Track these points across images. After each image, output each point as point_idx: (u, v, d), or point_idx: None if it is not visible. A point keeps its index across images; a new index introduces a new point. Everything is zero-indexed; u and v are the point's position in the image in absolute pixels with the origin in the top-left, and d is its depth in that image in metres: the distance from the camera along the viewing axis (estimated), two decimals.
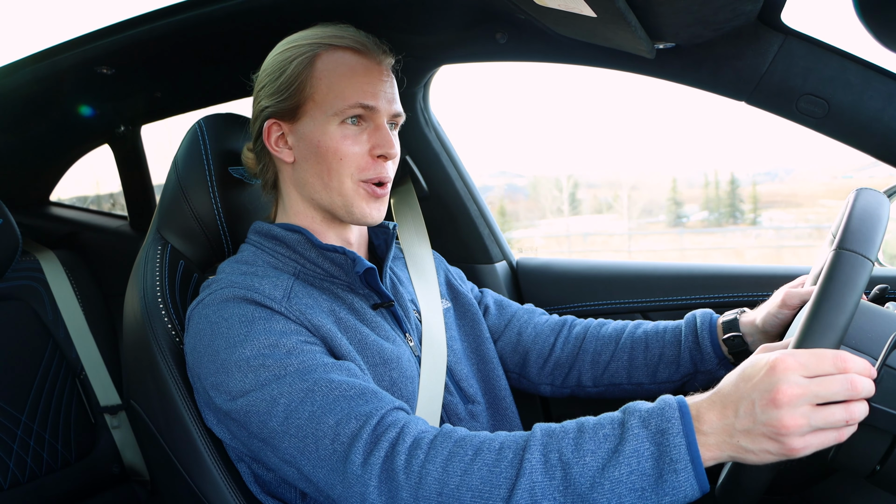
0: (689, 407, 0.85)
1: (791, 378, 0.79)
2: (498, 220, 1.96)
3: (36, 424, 1.86)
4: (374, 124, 1.17)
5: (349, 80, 1.15)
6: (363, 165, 1.17)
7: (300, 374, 0.99)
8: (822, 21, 1.46)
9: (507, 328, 1.46)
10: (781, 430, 0.78)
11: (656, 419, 0.85)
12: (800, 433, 0.79)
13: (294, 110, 1.18)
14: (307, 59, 1.17)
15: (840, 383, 0.79)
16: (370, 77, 1.17)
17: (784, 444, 0.79)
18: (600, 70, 1.45)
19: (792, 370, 0.80)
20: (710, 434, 0.83)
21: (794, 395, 0.79)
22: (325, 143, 1.16)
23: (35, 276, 1.99)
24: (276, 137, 1.21)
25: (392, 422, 0.94)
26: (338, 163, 1.16)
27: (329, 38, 1.18)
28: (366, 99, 1.15)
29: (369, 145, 1.16)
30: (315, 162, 1.17)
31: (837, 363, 0.80)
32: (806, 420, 0.78)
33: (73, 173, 2.48)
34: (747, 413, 0.81)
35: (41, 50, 1.72)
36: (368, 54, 1.18)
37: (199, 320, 1.09)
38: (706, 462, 0.83)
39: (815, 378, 0.80)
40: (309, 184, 1.20)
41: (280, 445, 0.98)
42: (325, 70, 1.16)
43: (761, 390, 0.80)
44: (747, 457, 0.82)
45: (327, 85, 1.16)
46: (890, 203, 0.95)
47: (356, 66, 1.16)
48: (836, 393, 0.79)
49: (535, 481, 0.85)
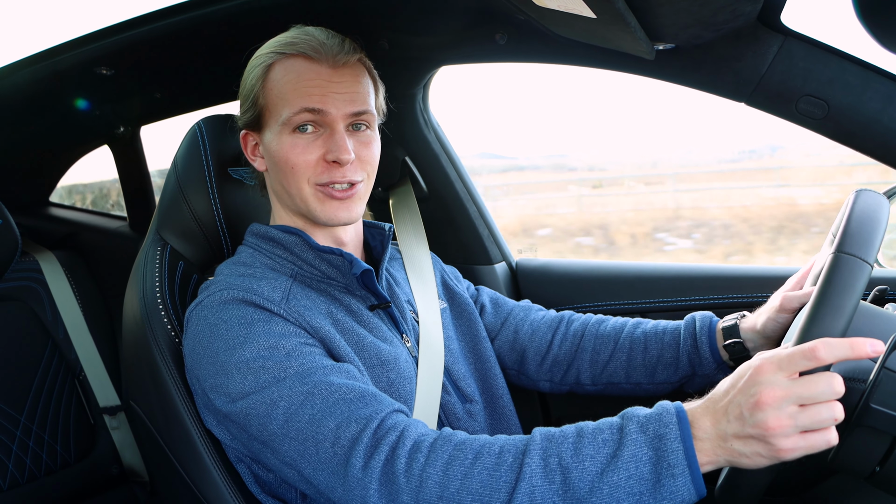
0: (687, 413, 0.85)
1: (772, 379, 0.80)
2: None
3: (35, 425, 1.86)
4: (330, 129, 1.16)
5: (295, 86, 1.14)
6: (318, 171, 1.16)
7: (300, 376, 0.99)
8: (822, 22, 1.46)
9: (503, 326, 1.45)
10: (768, 432, 0.79)
11: (654, 424, 0.85)
12: (785, 434, 0.79)
13: (257, 121, 1.20)
14: (262, 71, 1.18)
15: (824, 383, 0.79)
16: (319, 81, 1.15)
17: (773, 446, 0.80)
18: (599, 71, 1.45)
19: (773, 372, 0.81)
20: (705, 440, 0.83)
21: (776, 396, 0.79)
22: (279, 152, 1.16)
23: (34, 277, 1.99)
24: (251, 147, 1.24)
25: (392, 425, 0.94)
26: (290, 171, 1.16)
27: (282, 47, 1.17)
28: (311, 103, 1.13)
29: (323, 150, 1.15)
30: (276, 171, 1.19)
31: (814, 355, 0.80)
32: (792, 420, 0.79)
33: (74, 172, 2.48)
34: (737, 418, 0.82)
35: (41, 50, 1.72)
36: (321, 59, 1.15)
37: (198, 322, 1.09)
38: (703, 467, 0.83)
39: (799, 378, 0.80)
40: (278, 191, 1.22)
41: (280, 448, 0.98)
42: (275, 80, 1.16)
43: (747, 395, 0.81)
44: (741, 461, 0.83)
45: (276, 94, 1.16)
46: (889, 204, 0.95)
47: (304, 72, 1.15)
48: (821, 392, 0.79)
49: (535, 485, 0.86)
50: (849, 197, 0.95)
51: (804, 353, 0.80)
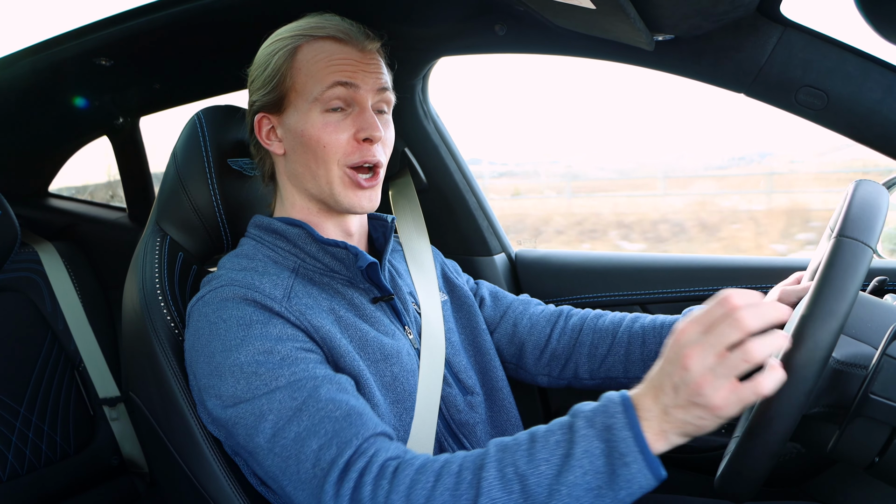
0: (631, 399, 0.85)
1: (690, 338, 0.80)
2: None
3: (35, 416, 1.86)
4: (359, 108, 1.18)
5: (327, 65, 1.16)
6: (348, 151, 1.17)
7: (290, 388, 0.99)
8: (821, 13, 1.46)
9: (502, 319, 1.46)
10: (697, 391, 0.78)
11: (601, 416, 0.85)
12: (714, 388, 0.77)
13: (279, 103, 1.20)
14: (289, 52, 1.18)
15: (726, 324, 0.78)
16: (349, 59, 1.17)
17: (707, 406, 0.78)
18: (599, 62, 1.45)
19: (689, 330, 0.80)
20: (651, 420, 0.83)
21: (695, 352, 0.79)
22: (309, 132, 1.17)
23: (34, 268, 1.99)
24: (266, 131, 1.23)
25: (364, 450, 0.94)
26: (322, 150, 1.16)
27: (310, 30, 1.19)
28: (343, 76, 1.16)
29: (353, 129, 1.17)
30: (302, 152, 1.18)
31: (724, 303, 0.79)
32: (713, 373, 0.78)
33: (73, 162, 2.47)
34: (672, 388, 0.81)
35: (40, 41, 1.71)
36: (350, 42, 1.18)
37: (199, 318, 1.09)
38: (657, 449, 0.82)
39: (710, 329, 0.79)
40: (300, 174, 1.21)
41: (265, 462, 0.98)
42: (305, 60, 1.17)
43: (674, 362, 0.81)
44: (688, 429, 0.82)
45: (307, 74, 1.17)
46: (889, 194, 0.95)
47: (335, 52, 1.17)
48: (727, 335, 0.78)
49: (494, 498, 0.85)
50: (848, 186, 0.95)
51: (717, 300, 0.80)
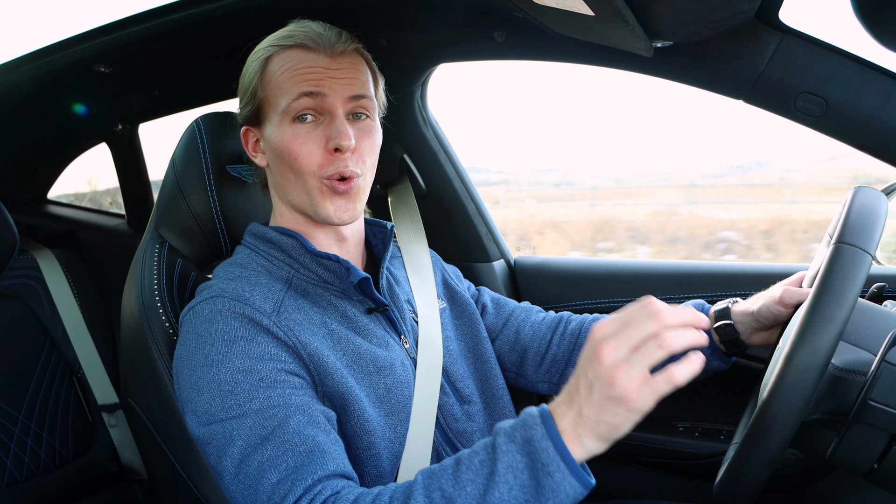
0: (549, 409, 0.85)
1: (605, 333, 0.80)
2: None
3: (33, 423, 1.86)
4: (330, 116, 1.15)
5: (292, 75, 1.14)
6: (322, 163, 1.14)
7: (262, 413, 0.99)
8: (820, 20, 1.47)
9: (504, 327, 1.45)
10: (610, 382, 0.78)
11: (520, 430, 0.85)
12: (629, 380, 0.77)
13: (256, 115, 1.20)
14: (260, 64, 1.18)
15: (643, 316, 0.79)
16: (316, 68, 1.14)
17: (620, 398, 0.78)
18: (597, 69, 1.45)
19: (606, 327, 0.81)
20: (568, 427, 0.82)
21: (610, 344, 0.79)
22: (282, 144, 1.15)
23: (32, 275, 1.99)
24: (252, 143, 1.23)
25: (313, 489, 0.94)
26: (295, 162, 1.15)
27: (280, 39, 1.17)
28: (308, 86, 1.13)
29: (324, 139, 1.14)
30: (280, 164, 1.17)
31: (642, 303, 0.80)
32: (627, 365, 0.77)
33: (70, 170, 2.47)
34: (586, 385, 0.81)
35: (39, 48, 1.71)
36: (319, 49, 1.15)
37: (188, 329, 1.09)
38: (580, 457, 0.82)
39: (627, 324, 0.80)
40: (282, 186, 1.20)
41: (229, 486, 0.99)
42: (273, 72, 1.16)
43: (588, 358, 0.81)
44: (602, 430, 0.81)
45: (275, 85, 1.16)
46: (888, 201, 0.95)
47: (301, 61, 1.15)
48: (644, 327, 0.78)
49: None
50: (847, 193, 0.95)
51: (636, 303, 0.81)
